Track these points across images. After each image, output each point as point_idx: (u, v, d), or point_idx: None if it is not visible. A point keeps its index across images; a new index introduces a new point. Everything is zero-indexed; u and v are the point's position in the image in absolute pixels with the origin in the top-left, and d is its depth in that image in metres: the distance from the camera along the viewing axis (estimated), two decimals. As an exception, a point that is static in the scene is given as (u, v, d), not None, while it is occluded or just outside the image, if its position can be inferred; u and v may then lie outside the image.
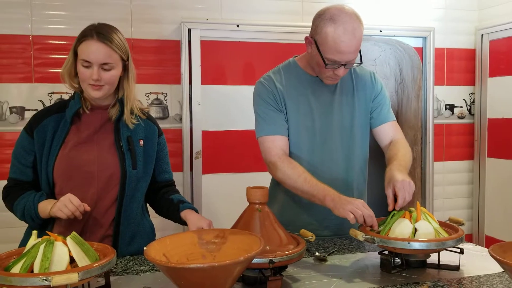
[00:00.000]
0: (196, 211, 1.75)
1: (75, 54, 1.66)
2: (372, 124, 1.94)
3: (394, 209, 1.58)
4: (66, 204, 1.54)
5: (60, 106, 1.73)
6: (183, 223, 1.73)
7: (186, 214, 1.72)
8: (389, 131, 1.93)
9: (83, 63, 1.63)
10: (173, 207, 1.77)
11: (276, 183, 1.91)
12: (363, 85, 1.91)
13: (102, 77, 1.63)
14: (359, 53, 1.74)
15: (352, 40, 1.66)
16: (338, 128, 1.88)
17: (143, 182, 1.75)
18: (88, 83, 1.64)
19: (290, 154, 1.86)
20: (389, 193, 1.61)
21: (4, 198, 1.73)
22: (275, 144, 1.81)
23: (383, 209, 1.65)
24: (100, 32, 1.63)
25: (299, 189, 1.73)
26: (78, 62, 1.65)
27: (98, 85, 1.64)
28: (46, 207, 1.59)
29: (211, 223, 1.66)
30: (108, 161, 1.69)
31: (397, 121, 2.00)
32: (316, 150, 1.86)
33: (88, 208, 1.58)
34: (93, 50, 1.61)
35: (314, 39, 1.73)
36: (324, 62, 1.70)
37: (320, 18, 1.70)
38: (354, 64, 1.76)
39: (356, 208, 1.55)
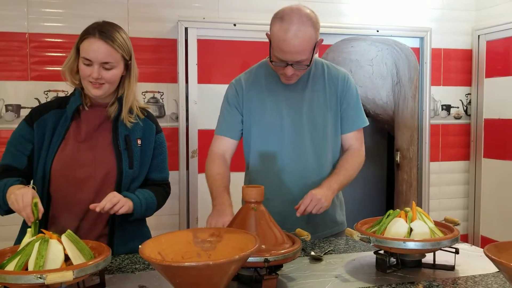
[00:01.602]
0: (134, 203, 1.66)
1: (77, 51, 1.65)
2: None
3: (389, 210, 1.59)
4: (17, 200, 1.43)
5: (61, 102, 1.73)
6: None
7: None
8: (349, 140, 1.94)
9: (84, 61, 1.62)
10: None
11: (247, 175, 2.01)
12: (335, 85, 1.90)
13: (103, 76, 1.63)
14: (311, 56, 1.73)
15: (294, 40, 1.65)
16: (308, 127, 1.86)
17: (137, 181, 1.75)
18: (88, 81, 1.64)
19: (259, 154, 1.89)
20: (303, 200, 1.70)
21: None
22: (216, 144, 1.94)
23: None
24: (103, 30, 1.63)
25: (209, 188, 1.82)
26: (79, 60, 1.64)
27: (99, 84, 1.63)
28: (10, 191, 1.50)
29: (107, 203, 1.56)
30: (105, 160, 1.68)
31: (394, 120, 2.01)
32: (286, 149, 1.86)
33: (40, 213, 1.43)
34: (94, 48, 1.61)
35: (268, 36, 1.77)
36: (271, 59, 1.73)
37: (274, 16, 1.73)
38: (301, 67, 1.74)
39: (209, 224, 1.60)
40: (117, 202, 1.56)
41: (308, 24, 1.67)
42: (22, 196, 1.42)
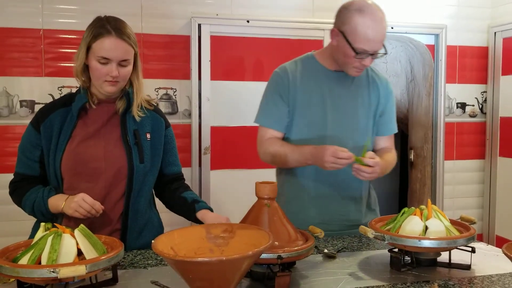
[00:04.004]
0: (211, 210, 1.75)
1: (87, 50, 1.64)
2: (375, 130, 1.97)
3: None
4: (81, 205, 1.54)
5: (66, 100, 1.71)
6: (199, 222, 1.72)
7: (203, 214, 1.71)
8: (383, 143, 1.99)
9: (101, 60, 1.60)
10: (187, 207, 1.76)
11: (281, 177, 1.97)
12: (377, 88, 1.94)
13: (120, 73, 1.62)
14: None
15: (380, 29, 1.74)
16: (350, 125, 1.88)
17: (150, 175, 1.75)
18: (104, 80, 1.62)
19: None
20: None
21: (11, 193, 1.72)
22: (267, 134, 1.91)
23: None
24: (117, 27, 1.61)
25: (287, 162, 1.84)
26: (92, 59, 1.62)
27: (115, 81, 1.63)
28: (57, 204, 1.59)
29: (228, 219, 1.65)
30: (115, 156, 1.68)
31: (408, 118, 2.01)
32: (327, 143, 1.83)
33: (101, 207, 1.59)
34: (113, 47, 1.59)
35: (341, 30, 1.76)
36: (355, 51, 1.73)
37: (347, 10, 1.76)
38: (379, 54, 1.79)
39: (335, 164, 1.67)
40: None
41: (383, 13, 1.77)
42: (83, 199, 1.55)
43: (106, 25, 1.61)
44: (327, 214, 1.88)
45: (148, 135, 1.74)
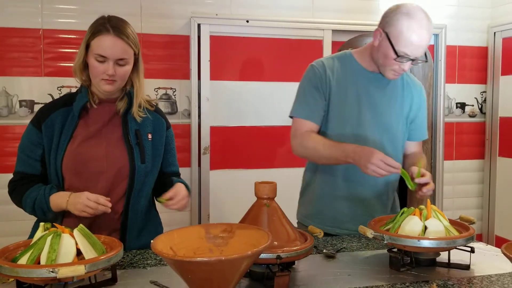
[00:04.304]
0: (188, 188, 1.74)
1: (86, 48, 1.64)
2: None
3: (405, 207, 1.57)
4: (87, 204, 1.52)
5: (67, 99, 1.71)
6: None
7: (176, 184, 1.71)
8: (413, 148, 2.01)
9: (98, 58, 1.60)
10: (168, 181, 1.76)
11: (312, 171, 1.96)
12: (411, 93, 1.94)
13: (116, 72, 1.62)
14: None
15: (425, 35, 1.73)
16: (383, 126, 1.88)
17: (151, 176, 1.75)
18: (101, 78, 1.62)
19: None
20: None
21: (10, 192, 1.71)
22: (303, 126, 1.86)
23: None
24: (116, 26, 1.61)
25: (322, 157, 1.80)
26: (90, 56, 1.62)
27: (112, 80, 1.63)
28: (59, 202, 1.58)
29: (184, 206, 1.66)
30: (117, 156, 1.68)
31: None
32: (361, 143, 1.82)
33: (106, 199, 1.56)
34: (110, 45, 1.59)
35: (385, 31, 1.76)
36: (397, 54, 1.73)
37: (395, 12, 1.75)
38: (419, 61, 1.79)
39: (378, 168, 1.62)
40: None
41: (431, 22, 1.76)
42: (87, 198, 1.53)
43: (106, 24, 1.62)
44: (354, 214, 1.88)
45: (150, 136, 1.74)
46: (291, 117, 1.93)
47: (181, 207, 1.66)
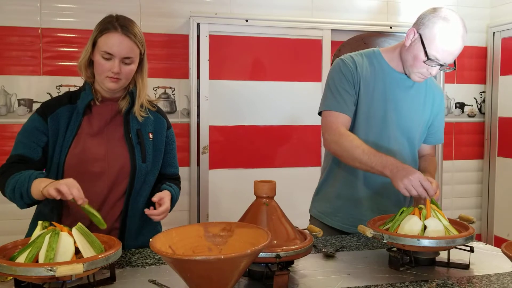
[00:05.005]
0: (172, 196, 1.72)
1: (93, 45, 1.64)
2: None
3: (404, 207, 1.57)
4: (59, 188, 1.41)
5: (71, 97, 1.71)
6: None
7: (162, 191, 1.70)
8: (427, 151, 2.03)
9: (104, 55, 1.60)
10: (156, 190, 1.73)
11: (331, 169, 1.95)
12: (433, 96, 1.94)
13: (122, 70, 1.62)
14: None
15: (458, 43, 1.71)
16: (405, 128, 1.88)
17: (151, 175, 1.74)
18: (106, 75, 1.62)
19: None
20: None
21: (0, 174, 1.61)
22: (338, 120, 1.80)
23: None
24: (124, 25, 1.62)
25: (357, 160, 1.71)
26: (96, 53, 1.62)
27: (117, 78, 1.63)
28: (39, 185, 1.47)
29: (163, 213, 1.64)
30: (118, 154, 1.68)
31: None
32: (384, 142, 1.83)
33: (80, 195, 1.45)
34: (117, 43, 1.60)
35: (419, 32, 1.74)
36: (427, 56, 1.72)
37: (433, 15, 1.73)
38: (447, 67, 1.77)
39: (412, 186, 1.56)
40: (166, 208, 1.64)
41: (466, 32, 1.73)
42: (65, 183, 1.41)
43: (114, 22, 1.63)
44: (372, 214, 1.85)
45: (151, 135, 1.74)
46: (319, 113, 1.88)
47: (157, 219, 1.67)
